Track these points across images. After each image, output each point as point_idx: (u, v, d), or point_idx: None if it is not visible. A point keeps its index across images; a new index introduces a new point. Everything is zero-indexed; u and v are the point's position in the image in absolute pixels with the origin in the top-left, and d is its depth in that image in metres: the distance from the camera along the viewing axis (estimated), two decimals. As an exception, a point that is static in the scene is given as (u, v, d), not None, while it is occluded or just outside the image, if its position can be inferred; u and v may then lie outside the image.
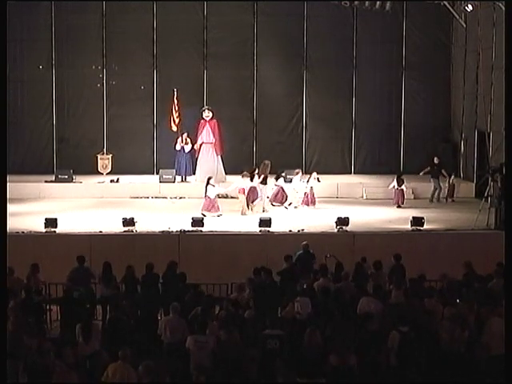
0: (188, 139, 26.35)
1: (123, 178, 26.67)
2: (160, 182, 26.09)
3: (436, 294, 13.87)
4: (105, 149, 27.99)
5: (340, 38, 28.35)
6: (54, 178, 26.14)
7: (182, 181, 26.43)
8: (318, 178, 24.04)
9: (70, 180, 26.02)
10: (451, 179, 25.50)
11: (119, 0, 27.50)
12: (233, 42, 28.11)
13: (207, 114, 26.36)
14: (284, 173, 24.31)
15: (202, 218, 19.94)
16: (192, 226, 19.74)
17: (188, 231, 19.68)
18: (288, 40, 28.29)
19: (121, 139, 28.09)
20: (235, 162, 26.84)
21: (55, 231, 19.44)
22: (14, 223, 19.41)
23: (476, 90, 25.84)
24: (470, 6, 25.59)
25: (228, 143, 27.20)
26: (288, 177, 24.28)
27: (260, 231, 19.82)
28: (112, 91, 28.25)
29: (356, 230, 20.02)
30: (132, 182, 26.31)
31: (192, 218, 19.88)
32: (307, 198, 23.60)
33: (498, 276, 14.69)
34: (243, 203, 22.49)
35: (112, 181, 26.44)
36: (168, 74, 28.00)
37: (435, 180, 24.98)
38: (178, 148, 26.36)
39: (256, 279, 15.26)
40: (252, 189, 22.69)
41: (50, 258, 17.78)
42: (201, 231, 19.68)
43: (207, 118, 26.32)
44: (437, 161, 25.19)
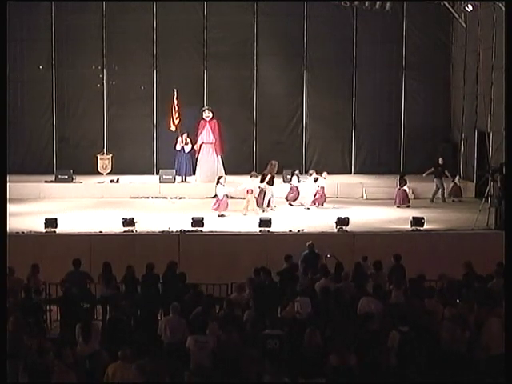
0: (188, 139, 26.34)
1: (123, 178, 26.66)
2: (160, 182, 26.08)
3: (436, 295, 13.87)
4: (105, 149, 27.99)
5: (340, 38, 28.34)
6: (54, 178, 26.14)
7: (182, 181, 26.43)
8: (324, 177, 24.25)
9: (70, 180, 26.02)
10: (456, 180, 25.58)
11: (119, 0, 27.52)
12: (233, 42, 28.10)
13: (207, 114, 26.35)
14: (297, 171, 24.38)
15: (202, 218, 19.92)
16: (192, 226, 19.74)
17: (188, 231, 19.68)
18: (288, 40, 28.28)
19: (121, 139, 28.09)
20: (235, 162, 26.89)
21: (55, 231, 19.44)
22: (14, 223, 19.41)
23: (476, 90, 25.83)
24: (470, 6, 25.59)
25: (228, 143, 27.19)
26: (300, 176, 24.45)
27: (260, 231, 19.82)
28: (112, 91, 28.24)
29: (356, 230, 20.03)
30: (132, 182, 26.31)
31: (192, 218, 19.87)
32: (320, 198, 23.59)
33: (498, 276, 14.69)
34: (250, 203, 22.48)
35: (112, 181, 26.44)
36: (168, 74, 27.99)
37: (438, 180, 25.02)
38: (178, 148, 26.35)
39: (256, 279, 15.27)
40: (261, 190, 22.83)
41: (50, 258, 17.77)
42: (201, 231, 19.68)
43: (207, 118, 26.31)
44: (441, 161, 25.29)
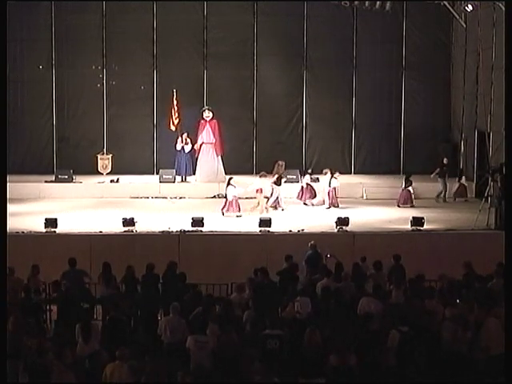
0: (188, 139, 26.34)
1: (123, 178, 26.66)
2: (160, 182, 26.08)
3: (436, 295, 13.86)
4: (105, 149, 27.99)
5: (340, 38, 28.34)
6: (54, 178, 26.15)
7: (182, 181, 26.43)
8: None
9: (70, 180, 26.02)
10: (463, 180, 25.60)
11: (119, 0, 27.51)
12: (233, 42, 28.11)
13: (207, 115, 26.34)
14: (310, 170, 24.40)
15: (202, 218, 19.92)
16: (192, 226, 19.74)
17: (188, 231, 19.68)
18: (288, 40, 28.28)
19: (121, 139, 28.09)
20: (235, 162, 26.88)
21: (55, 231, 19.45)
22: (14, 223, 19.41)
23: (476, 90, 25.83)
24: (470, 6, 25.59)
25: (228, 143, 27.19)
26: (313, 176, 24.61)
27: (260, 231, 19.82)
28: (112, 91, 28.24)
29: (356, 230, 20.04)
30: (132, 182, 26.31)
31: (192, 218, 19.87)
32: (332, 198, 23.62)
33: (498, 276, 14.68)
34: (262, 203, 22.49)
35: (112, 181, 26.43)
36: (168, 74, 27.99)
37: (442, 180, 25.03)
38: (178, 148, 26.35)
39: (256, 279, 15.27)
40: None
41: (50, 258, 17.76)
42: (201, 231, 19.68)
43: (207, 119, 26.30)
44: (446, 161, 25.33)
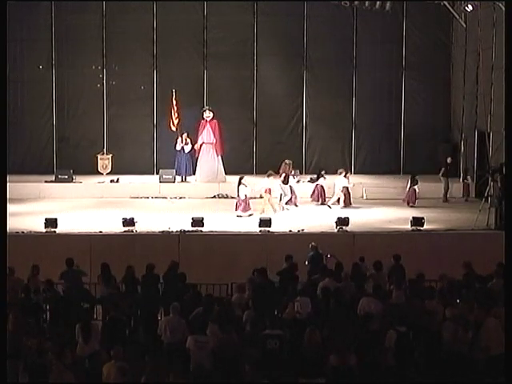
0: (188, 139, 26.33)
1: (123, 178, 26.65)
2: (160, 182, 26.07)
3: (436, 295, 13.86)
4: (105, 149, 27.98)
5: (340, 38, 28.34)
6: (54, 178, 26.13)
7: (182, 181, 26.42)
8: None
9: (70, 180, 26.01)
10: (468, 180, 25.61)
11: (119, 0, 27.51)
12: (233, 42, 28.10)
13: (208, 115, 26.33)
14: (323, 171, 24.42)
15: (202, 218, 19.91)
16: (192, 226, 19.74)
17: (188, 231, 19.67)
18: (288, 40, 28.28)
19: (121, 139, 28.09)
20: (235, 162, 26.87)
21: (55, 231, 19.45)
22: (14, 223, 19.40)
23: (476, 90, 25.84)
24: (470, 6, 25.58)
25: (228, 143, 27.18)
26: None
27: (260, 231, 19.82)
28: (112, 91, 28.24)
29: (356, 230, 20.03)
30: (132, 182, 26.30)
31: (192, 218, 19.86)
32: (346, 198, 23.59)
33: (498, 276, 14.68)
34: (270, 202, 22.47)
35: (112, 181, 26.43)
36: (168, 74, 27.99)
37: (444, 179, 25.03)
38: (178, 148, 26.34)
39: (256, 279, 15.26)
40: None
41: (50, 258, 17.72)
42: (201, 231, 19.68)
43: (208, 119, 26.29)
44: (450, 161, 25.35)
